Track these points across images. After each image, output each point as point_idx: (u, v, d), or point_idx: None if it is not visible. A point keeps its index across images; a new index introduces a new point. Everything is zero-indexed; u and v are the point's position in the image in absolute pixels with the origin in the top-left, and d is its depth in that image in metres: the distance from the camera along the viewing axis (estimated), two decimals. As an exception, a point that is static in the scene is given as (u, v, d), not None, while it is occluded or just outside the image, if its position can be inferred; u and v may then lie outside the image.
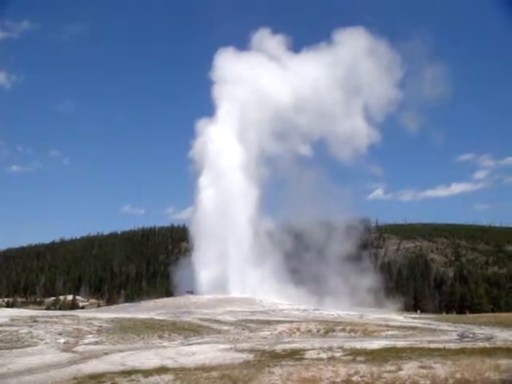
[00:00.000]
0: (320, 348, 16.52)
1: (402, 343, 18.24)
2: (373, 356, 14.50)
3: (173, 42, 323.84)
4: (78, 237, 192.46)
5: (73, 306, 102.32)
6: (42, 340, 19.70)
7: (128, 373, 13.20)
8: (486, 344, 17.92)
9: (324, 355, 15.24)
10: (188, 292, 52.77)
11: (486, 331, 26.21)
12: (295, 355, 15.48)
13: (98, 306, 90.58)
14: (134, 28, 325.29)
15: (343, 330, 25.05)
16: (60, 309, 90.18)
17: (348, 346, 16.81)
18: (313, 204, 66.18)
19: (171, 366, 14.28)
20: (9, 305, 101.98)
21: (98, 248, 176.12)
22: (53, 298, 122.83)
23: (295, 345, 18.11)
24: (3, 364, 14.97)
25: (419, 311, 69.21)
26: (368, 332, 24.61)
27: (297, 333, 24.81)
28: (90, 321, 24.94)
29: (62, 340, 20.03)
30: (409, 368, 12.44)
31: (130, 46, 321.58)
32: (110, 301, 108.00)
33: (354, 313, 40.07)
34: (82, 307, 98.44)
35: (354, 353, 15.31)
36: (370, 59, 72.11)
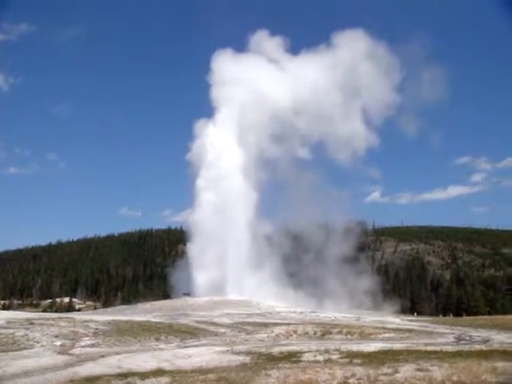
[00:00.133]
0: (317, 350, 16.53)
1: (399, 346, 18.26)
2: (369, 358, 14.51)
3: (170, 44, 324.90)
4: (75, 239, 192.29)
5: (69, 309, 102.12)
6: (39, 342, 19.66)
7: (124, 375, 13.17)
8: (483, 347, 17.96)
9: (321, 358, 15.25)
10: (185, 294, 52.74)
11: (483, 334, 26.27)
12: (292, 358, 15.49)
13: (95, 309, 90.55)
14: (132, 30, 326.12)
15: (340, 333, 25.07)
16: (56, 311, 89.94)
17: (345, 349, 16.83)
18: (311, 206, 66.09)
19: (168, 369, 14.26)
20: (5, 307, 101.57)
21: (95, 250, 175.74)
22: (49, 301, 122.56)
23: (292, 347, 18.12)
24: (-1, 367, 14.94)
25: (416, 314, 69.34)
26: (365, 334, 24.63)
27: (294, 335, 24.80)
28: (87, 323, 24.89)
29: (59, 342, 19.99)
30: (405, 371, 12.45)
31: (128, 48, 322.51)
32: (107, 303, 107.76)
33: (351, 315, 40.09)
34: (79, 309, 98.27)
35: (351, 355, 15.32)
36: (369, 62, 71.95)
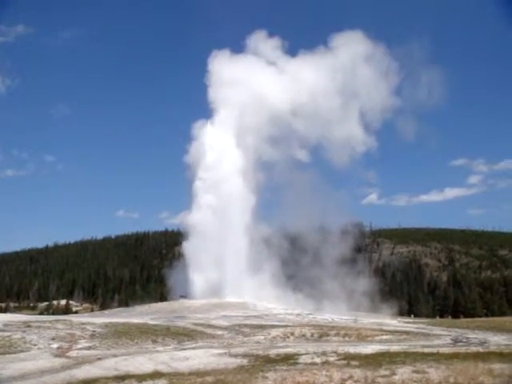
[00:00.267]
0: (314, 352, 16.52)
1: (396, 348, 18.27)
2: (367, 360, 14.51)
3: (169, 46, 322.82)
4: (72, 241, 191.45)
5: (66, 311, 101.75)
6: (35, 345, 19.62)
7: (121, 378, 13.15)
8: (480, 348, 17.99)
9: (318, 360, 15.25)
10: (182, 296, 52.66)
11: (480, 336, 26.34)
12: (289, 360, 15.47)
13: (92, 311, 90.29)
14: (129, 31, 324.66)
15: (337, 335, 25.07)
16: (53, 314, 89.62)
17: (342, 351, 16.82)
18: (308, 208, 65.89)
19: (165, 371, 14.25)
20: (2, 310, 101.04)
21: (92, 253, 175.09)
22: (46, 303, 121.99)
23: (289, 349, 18.11)
24: (-4, 369, 14.90)
25: (413, 316, 69.37)
26: (362, 336, 24.63)
27: (291, 337, 24.79)
28: (84, 326, 24.85)
29: (56, 345, 19.95)
30: (403, 372, 12.45)
31: (125, 50, 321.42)
32: (104, 305, 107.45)
33: (348, 317, 40.08)
34: (76, 312, 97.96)
35: (348, 357, 15.32)
36: (367, 64, 71.65)
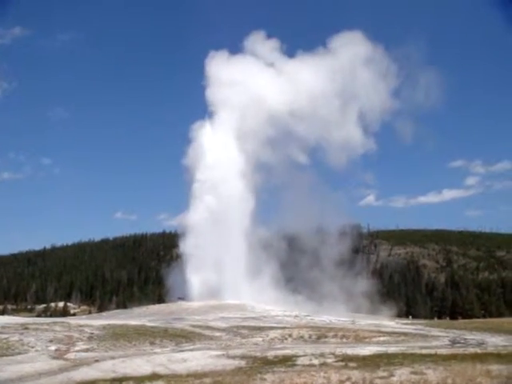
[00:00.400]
0: (312, 354, 16.52)
1: (394, 349, 18.29)
2: (365, 362, 14.51)
3: (167, 47, 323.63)
4: (70, 243, 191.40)
5: (64, 313, 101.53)
6: (33, 347, 19.58)
7: (119, 380, 13.13)
8: (477, 349, 18.00)
9: (316, 361, 15.24)
10: (180, 298, 52.60)
11: (477, 337, 26.40)
12: (287, 361, 15.47)
13: (90, 313, 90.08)
14: (127, 34, 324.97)
15: (335, 336, 25.09)
16: (51, 316, 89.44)
17: (340, 352, 16.82)
18: (306, 210, 65.94)
19: (163, 373, 14.23)
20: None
21: (90, 254, 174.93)
22: (44, 305, 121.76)
23: (287, 351, 18.10)
24: (-7, 372, 14.87)
25: (411, 317, 69.42)
26: (360, 338, 24.66)
27: (289, 339, 24.80)
28: (82, 328, 24.80)
29: (53, 347, 19.91)
30: (400, 374, 12.45)
31: (123, 52, 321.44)
32: (102, 307, 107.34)
33: (346, 318, 40.09)
34: (74, 314, 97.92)
35: (346, 359, 15.32)
36: (366, 65, 71.69)
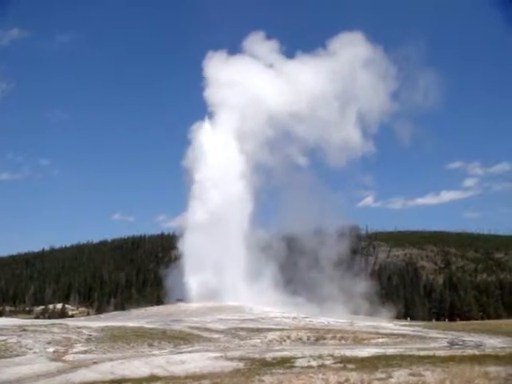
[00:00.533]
0: (310, 356, 16.53)
1: (392, 351, 18.31)
2: (363, 364, 14.53)
3: (166, 48, 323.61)
4: (68, 245, 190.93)
5: (62, 315, 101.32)
6: (31, 349, 19.54)
7: (118, 382, 13.15)
8: (476, 351, 18.03)
9: (314, 363, 15.25)
10: (178, 300, 52.53)
11: (475, 338, 26.45)
12: (285, 363, 15.48)
13: (88, 315, 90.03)
14: (126, 34, 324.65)
15: (333, 338, 25.11)
16: (49, 317, 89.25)
17: (338, 354, 16.84)
18: (305, 211, 65.82)
19: (161, 375, 14.22)
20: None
21: (88, 256, 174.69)
22: (42, 307, 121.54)
23: (285, 353, 18.12)
24: (-8, 373, 14.85)
25: (409, 318, 69.46)
26: (358, 339, 24.69)
27: (287, 341, 24.80)
28: (80, 329, 24.77)
29: (51, 349, 19.88)
30: (399, 375, 12.47)
31: (122, 53, 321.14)
32: (100, 309, 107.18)
33: (344, 320, 40.07)
34: (72, 316, 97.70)
35: (345, 360, 15.33)
36: (365, 66, 71.31)
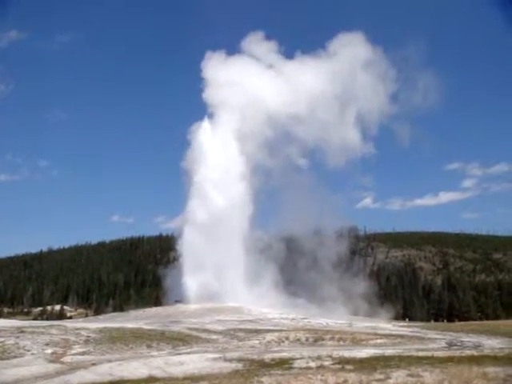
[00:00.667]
0: (309, 357, 16.53)
1: (391, 351, 18.31)
2: (361, 364, 14.53)
3: (166, 48, 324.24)
4: (66, 246, 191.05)
5: (60, 316, 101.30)
6: (29, 351, 19.50)
7: (116, 383, 13.14)
8: (474, 352, 18.04)
9: (313, 364, 15.25)
10: (177, 301, 52.46)
11: (474, 339, 26.45)
12: (284, 364, 15.47)
13: (86, 316, 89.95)
14: (125, 35, 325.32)
15: (332, 339, 25.09)
16: (47, 319, 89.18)
17: (337, 355, 16.84)
18: (304, 211, 65.73)
19: (160, 376, 14.21)
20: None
21: (86, 257, 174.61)
22: (40, 308, 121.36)
23: (284, 354, 18.11)
24: (-11, 375, 14.82)
25: (408, 319, 69.50)
26: (357, 340, 24.68)
27: (285, 342, 24.79)
28: (78, 331, 24.72)
29: (50, 350, 19.83)
30: (397, 376, 12.47)
31: (121, 54, 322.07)
32: (98, 310, 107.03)
33: (343, 321, 40.05)
34: (70, 317, 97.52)
35: (343, 361, 15.33)
36: (365, 67, 71.28)
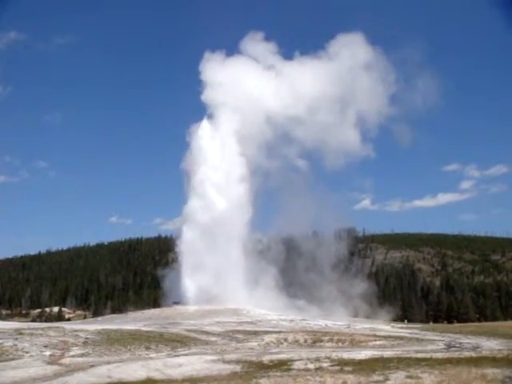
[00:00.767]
0: (307, 358, 16.51)
1: (390, 353, 18.30)
2: (360, 366, 14.51)
3: (164, 49, 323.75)
4: (65, 248, 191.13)
5: (59, 318, 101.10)
6: (28, 353, 19.46)
7: (114, 385, 13.11)
8: (473, 353, 18.04)
9: (311, 366, 15.23)
10: (175, 303, 52.39)
11: (472, 341, 26.41)
12: (282, 366, 15.45)
13: (85, 318, 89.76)
14: (123, 37, 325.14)
15: (331, 340, 25.06)
16: (46, 321, 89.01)
17: (335, 357, 16.82)
18: (303, 213, 65.65)
19: (158, 378, 14.19)
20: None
21: (85, 259, 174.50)
22: (38, 310, 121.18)
23: (283, 355, 18.09)
24: (-12, 377, 14.79)
25: (406, 321, 69.41)
26: (355, 342, 24.64)
27: (284, 343, 24.77)
28: (76, 333, 24.68)
29: (48, 352, 19.79)
30: (396, 378, 12.46)
31: (119, 56, 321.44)
32: (97, 312, 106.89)
33: (342, 323, 40.04)
34: (69, 319, 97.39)
35: (342, 363, 15.31)
36: (365, 68, 71.21)
